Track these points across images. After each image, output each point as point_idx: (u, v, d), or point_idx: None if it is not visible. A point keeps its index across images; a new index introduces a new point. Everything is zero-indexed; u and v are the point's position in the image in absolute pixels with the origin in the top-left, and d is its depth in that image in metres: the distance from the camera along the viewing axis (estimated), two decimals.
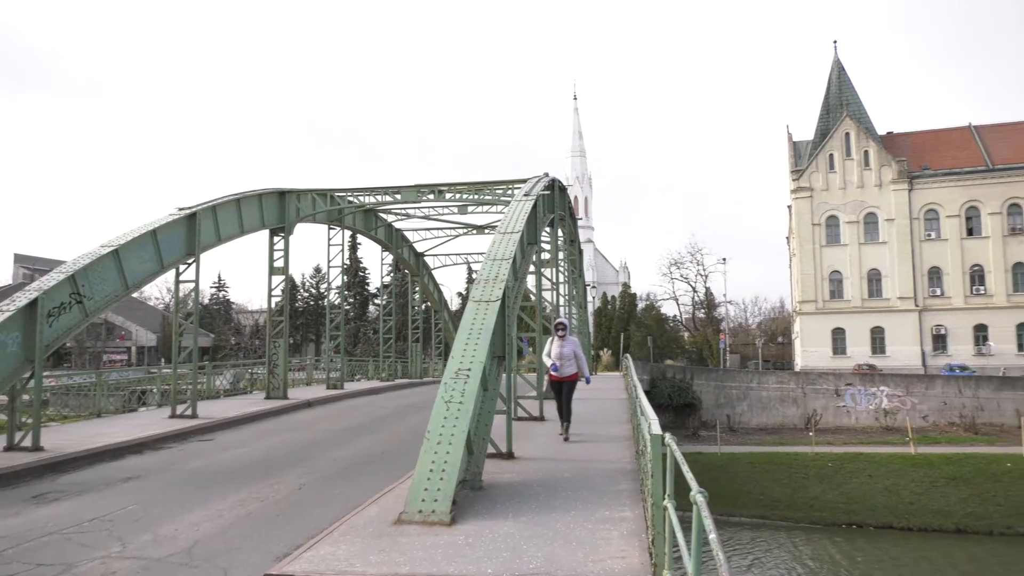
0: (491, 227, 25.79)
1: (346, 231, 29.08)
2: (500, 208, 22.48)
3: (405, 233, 34.50)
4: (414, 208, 26.27)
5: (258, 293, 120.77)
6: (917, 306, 56.61)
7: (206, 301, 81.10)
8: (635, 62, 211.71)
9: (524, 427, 13.99)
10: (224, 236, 19.18)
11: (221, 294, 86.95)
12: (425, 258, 38.50)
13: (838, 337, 57.99)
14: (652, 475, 5.75)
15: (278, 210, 22.41)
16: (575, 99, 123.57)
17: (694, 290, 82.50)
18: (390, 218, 30.27)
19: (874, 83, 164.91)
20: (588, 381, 13.09)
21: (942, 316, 56.38)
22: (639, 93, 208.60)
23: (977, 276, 56.43)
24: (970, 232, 57.00)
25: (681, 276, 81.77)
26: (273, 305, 23.76)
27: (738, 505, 31.27)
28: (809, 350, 58.41)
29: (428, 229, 32.98)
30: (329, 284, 33.15)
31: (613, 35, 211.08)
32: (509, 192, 21.30)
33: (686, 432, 43.00)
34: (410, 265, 36.97)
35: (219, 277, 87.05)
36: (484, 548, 6.25)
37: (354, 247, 76.93)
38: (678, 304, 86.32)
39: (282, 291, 23.60)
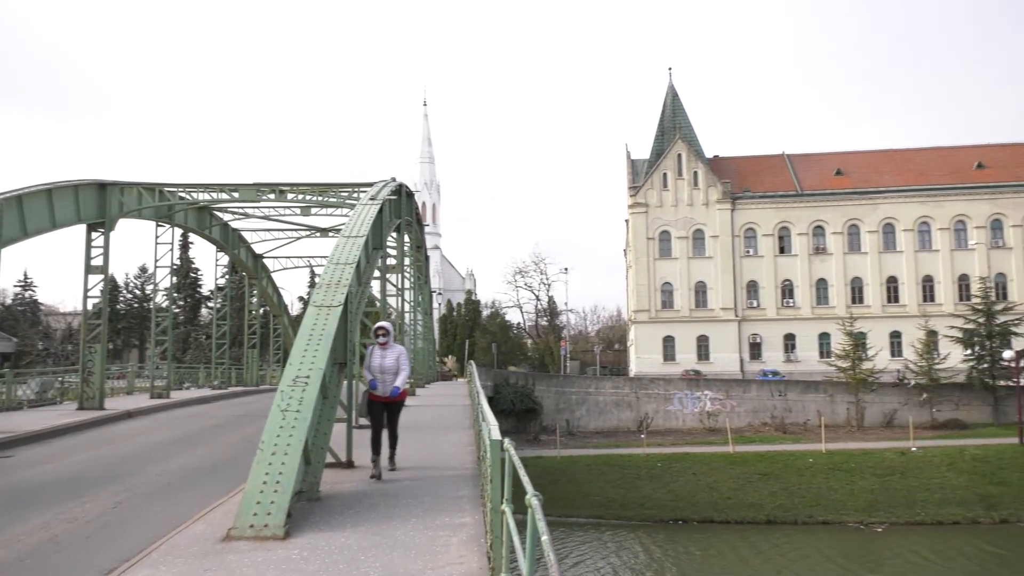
0: (335, 230, 25.11)
1: (177, 229, 27.24)
2: (345, 211, 21.98)
3: (243, 233, 32.78)
4: (253, 207, 25.09)
5: (72, 293, 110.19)
6: (737, 316, 61.54)
7: (8, 301, 72.90)
8: (485, 75, 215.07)
9: (366, 435, 13.69)
10: (31, 230, 17.37)
11: (27, 294, 78.45)
12: (264, 260, 36.82)
13: (668, 344, 61.80)
14: (491, 480, 5.81)
15: (97, 203, 20.61)
16: (425, 105, 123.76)
17: (537, 298, 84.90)
18: (226, 217, 28.68)
19: (705, 108, 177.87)
20: (395, 393, 10.00)
21: (758, 326, 61.67)
22: (490, 105, 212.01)
23: (787, 290, 62.27)
24: (782, 250, 62.81)
25: (525, 285, 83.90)
26: (90, 307, 21.75)
27: (576, 506, 32.41)
28: (643, 357, 61.81)
29: (268, 230, 31.52)
30: (156, 285, 30.89)
31: (462, 45, 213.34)
32: (355, 195, 20.89)
33: (527, 437, 44.00)
34: (248, 267, 35.23)
35: (25, 275, 78.50)
36: (320, 561, 6.04)
37: (186, 246, 72.08)
38: (522, 312, 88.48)
39: (101, 292, 21.66)
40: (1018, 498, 31.60)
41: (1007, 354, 40.86)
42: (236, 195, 22.02)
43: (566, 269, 79.10)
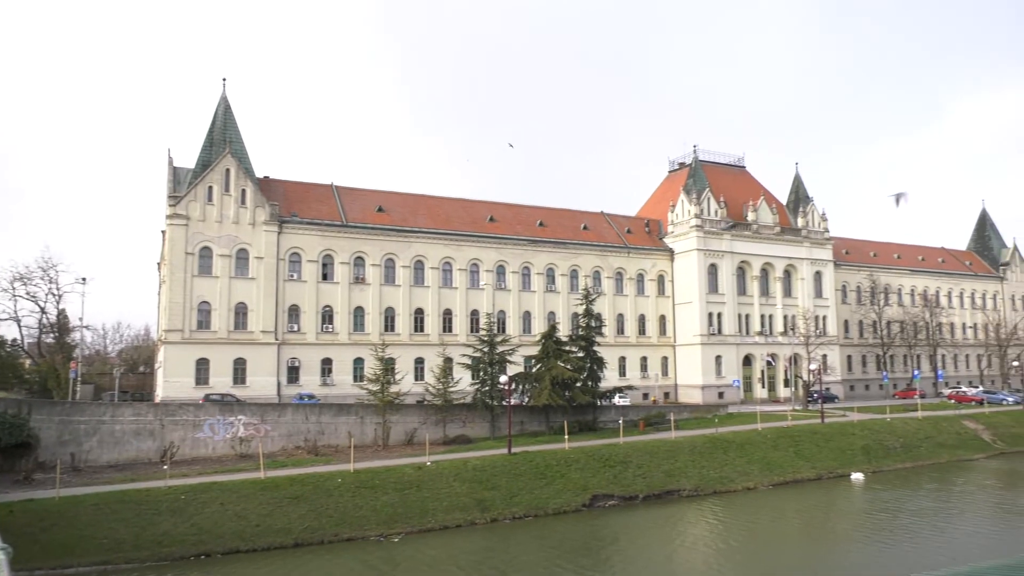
0: None
1: None
2: None
3: None
4: None
5: None
6: (277, 340, 61.13)
7: None
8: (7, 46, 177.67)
9: None
10: None
11: None
12: None
13: (202, 367, 58.17)
14: None
15: None
16: None
17: (43, 311, 71.99)
18: None
19: (261, 126, 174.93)
20: None
21: (298, 350, 62.18)
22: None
23: (328, 316, 64.24)
24: (325, 277, 64.72)
25: (28, 294, 70.43)
26: None
27: (77, 553, 28.15)
28: (172, 380, 56.97)
29: None
30: None
31: None
32: None
33: (16, 476, 36.92)
34: None
35: None
36: None
37: None
38: (20, 326, 73.94)
39: None
40: (505, 499, 37.55)
41: (503, 378, 48.61)
42: None
43: (84, 279, 68.49)
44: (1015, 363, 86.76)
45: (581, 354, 55.76)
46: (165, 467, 37.86)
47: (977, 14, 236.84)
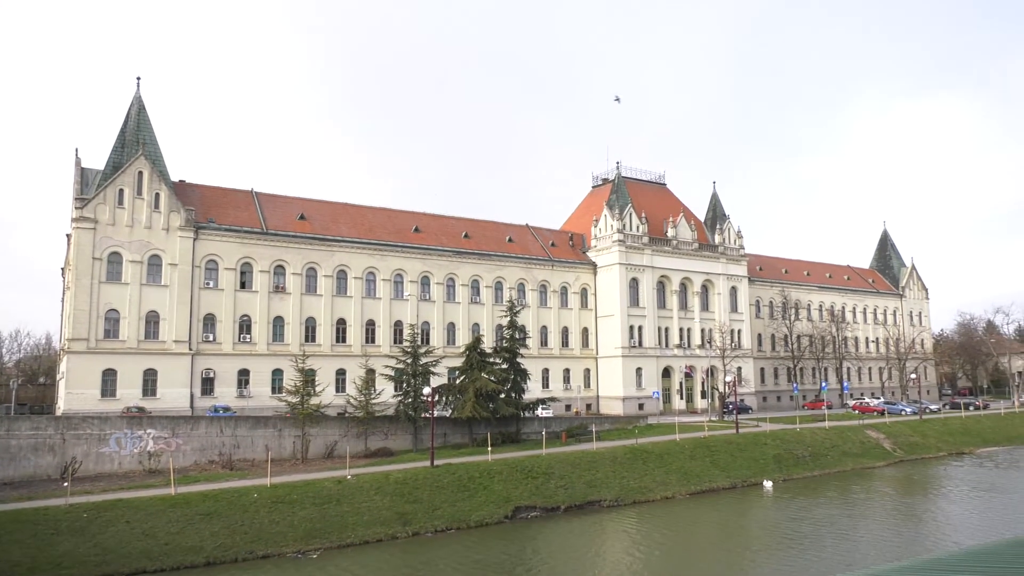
0: None
1: None
2: None
3: None
4: None
5: None
6: (191, 350, 58.87)
7: None
8: None
9: None
10: None
11: None
12: None
13: (109, 378, 55.44)
14: None
15: None
16: None
17: None
18: None
19: (177, 129, 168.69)
20: None
21: (213, 360, 60.02)
22: None
23: (246, 325, 62.32)
24: (243, 285, 62.81)
25: None
26: None
27: None
28: (75, 392, 54.05)
29: None
30: None
31: None
32: None
33: None
34: None
35: None
36: None
37: None
38: None
39: None
40: (427, 512, 37.13)
41: (426, 390, 48.18)
42: None
43: None
44: (912, 376, 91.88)
45: (505, 366, 55.87)
46: (66, 484, 35.77)
47: (880, 41, 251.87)
